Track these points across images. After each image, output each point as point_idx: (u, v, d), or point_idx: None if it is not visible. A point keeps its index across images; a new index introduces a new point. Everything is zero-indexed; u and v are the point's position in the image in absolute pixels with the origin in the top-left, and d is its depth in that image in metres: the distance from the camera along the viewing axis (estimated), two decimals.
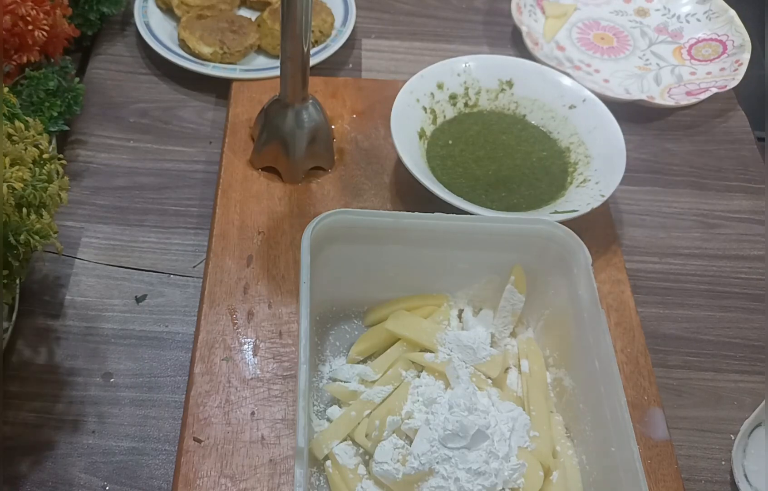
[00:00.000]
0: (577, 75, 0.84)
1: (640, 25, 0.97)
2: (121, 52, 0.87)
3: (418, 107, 0.75)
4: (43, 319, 0.63)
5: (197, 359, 0.59)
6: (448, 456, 0.51)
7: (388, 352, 0.58)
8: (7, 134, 0.55)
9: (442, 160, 0.74)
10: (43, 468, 0.55)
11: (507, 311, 0.61)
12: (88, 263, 0.67)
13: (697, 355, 0.66)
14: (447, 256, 0.60)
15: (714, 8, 0.95)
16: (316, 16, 0.88)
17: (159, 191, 0.74)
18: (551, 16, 0.96)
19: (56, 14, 0.73)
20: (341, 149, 0.76)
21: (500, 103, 0.79)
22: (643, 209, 0.77)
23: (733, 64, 0.88)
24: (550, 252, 0.59)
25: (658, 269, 0.72)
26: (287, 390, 0.58)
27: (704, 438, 0.61)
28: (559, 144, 0.76)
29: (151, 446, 0.57)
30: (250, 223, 0.69)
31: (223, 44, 0.84)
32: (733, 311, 0.70)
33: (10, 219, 0.51)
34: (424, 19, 0.97)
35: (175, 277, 0.67)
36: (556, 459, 0.54)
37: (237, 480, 0.53)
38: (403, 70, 0.86)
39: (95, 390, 0.59)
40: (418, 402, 0.55)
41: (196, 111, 0.82)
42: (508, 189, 0.72)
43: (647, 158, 0.82)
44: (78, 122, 0.78)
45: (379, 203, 0.72)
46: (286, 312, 0.63)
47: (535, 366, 0.59)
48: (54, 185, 0.55)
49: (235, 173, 0.73)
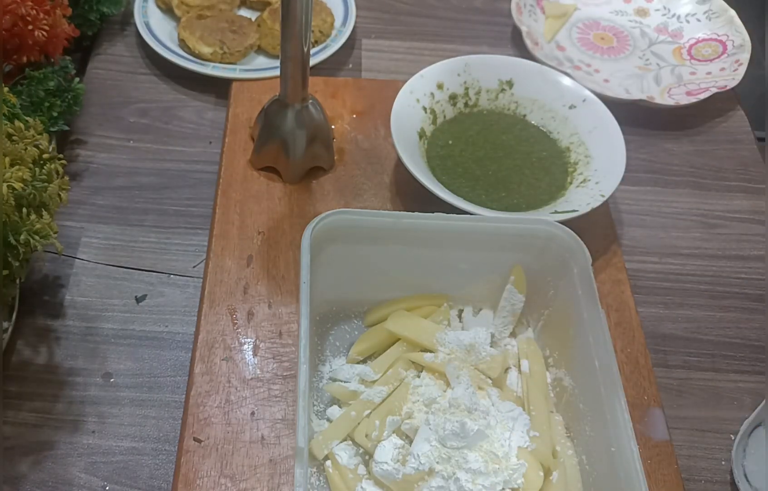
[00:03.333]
0: (577, 75, 0.84)
1: (640, 25, 0.97)
2: (121, 52, 0.87)
3: (418, 107, 0.75)
4: (43, 319, 0.63)
5: (197, 359, 0.59)
6: (448, 456, 0.51)
7: (388, 352, 0.58)
8: (7, 134, 0.55)
9: (442, 160, 0.74)
10: (43, 468, 0.55)
11: (507, 311, 0.61)
12: (88, 263, 0.67)
13: (697, 355, 0.66)
14: (447, 256, 0.60)
15: (714, 8, 0.95)
16: (316, 16, 0.88)
17: (159, 191, 0.74)
18: (551, 16, 0.96)
19: (56, 14, 0.73)
20: (341, 149, 0.76)
21: (500, 103, 0.79)
22: (643, 209, 0.77)
23: (733, 64, 0.88)
24: (550, 252, 0.59)
25: (658, 269, 0.72)
26: (287, 390, 0.58)
27: (704, 438, 0.61)
28: (559, 144, 0.76)
29: (151, 446, 0.57)
30: (250, 223, 0.69)
31: (223, 44, 0.84)
32: (733, 311, 0.70)
33: (10, 219, 0.51)
34: (424, 19, 0.97)
35: (175, 277, 0.67)
36: (556, 459, 0.54)
37: (237, 480, 0.53)
38: (403, 70, 0.86)
39: (95, 390, 0.59)
40: (418, 402, 0.55)
41: (196, 111, 0.82)
42: (508, 189, 0.72)
43: (647, 158, 0.82)
44: (78, 122, 0.78)
45: (379, 203, 0.72)
46: (286, 312, 0.63)
47: (535, 366, 0.59)
48: (54, 185, 0.56)
49: (235, 173, 0.73)
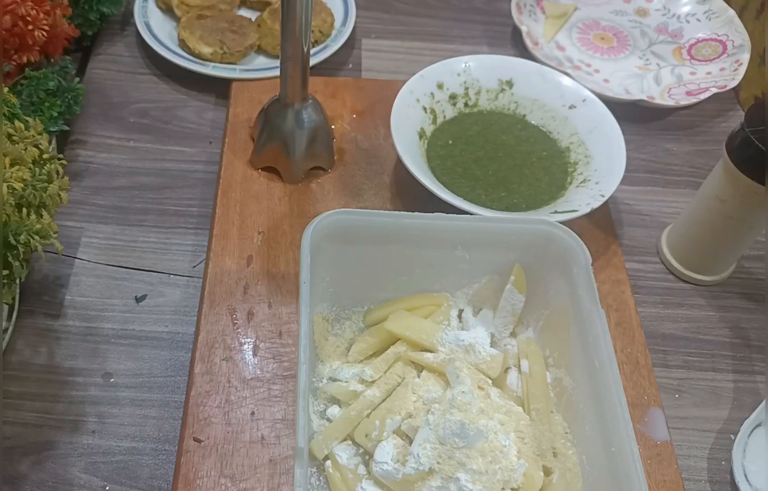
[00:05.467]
0: (577, 75, 0.84)
1: (640, 25, 0.97)
2: (121, 52, 0.88)
3: (418, 107, 0.75)
4: (43, 319, 0.63)
5: (197, 359, 0.59)
6: (448, 456, 0.51)
7: (388, 352, 0.58)
8: (7, 134, 0.55)
9: (442, 160, 0.74)
10: (43, 468, 0.55)
11: (507, 311, 0.61)
12: (88, 263, 0.67)
13: (697, 355, 0.66)
14: (447, 256, 0.60)
15: (714, 8, 0.95)
16: (316, 16, 0.88)
17: (159, 191, 0.74)
18: (551, 16, 0.96)
19: (56, 14, 0.73)
20: (341, 149, 0.76)
21: (500, 103, 0.79)
22: (643, 209, 0.77)
23: (733, 64, 0.88)
24: (550, 252, 0.59)
25: (658, 269, 0.72)
26: (287, 390, 0.58)
27: (704, 438, 0.61)
28: (559, 144, 0.76)
29: (150, 446, 0.57)
30: (250, 223, 0.69)
31: (223, 44, 0.84)
32: (733, 311, 0.70)
33: (10, 219, 0.51)
34: (424, 19, 0.97)
35: (175, 277, 0.67)
36: (556, 459, 0.54)
37: (237, 480, 0.53)
38: (403, 70, 0.86)
39: (95, 390, 0.59)
40: (418, 402, 0.55)
41: (196, 111, 0.82)
42: (508, 189, 0.72)
43: (647, 158, 0.82)
44: (78, 122, 0.78)
45: (379, 203, 0.72)
46: (286, 312, 0.63)
47: (535, 366, 0.59)
48: (54, 185, 0.56)
49: (235, 173, 0.73)
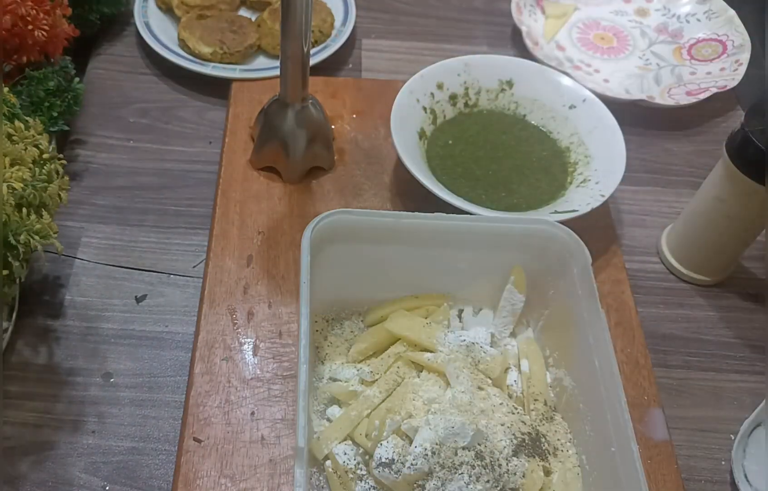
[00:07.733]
0: (577, 75, 0.84)
1: (640, 25, 0.97)
2: (121, 52, 0.87)
3: (418, 107, 0.75)
4: (43, 319, 0.63)
5: (197, 359, 0.59)
6: (448, 456, 0.51)
7: (388, 352, 0.58)
8: (7, 134, 0.55)
9: (442, 160, 0.74)
10: (43, 468, 0.55)
11: (507, 311, 0.61)
12: (88, 263, 0.67)
13: (697, 355, 0.66)
14: (447, 256, 0.60)
15: (714, 8, 0.95)
16: (316, 16, 0.88)
17: (159, 191, 0.74)
18: (551, 16, 0.96)
19: (56, 14, 0.73)
20: (341, 149, 0.76)
21: (500, 103, 0.79)
22: (643, 209, 0.77)
23: (733, 64, 0.88)
24: (550, 252, 0.59)
25: (658, 269, 0.72)
26: (287, 390, 0.58)
27: (704, 438, 0.61)
28: (559, 144, 0.76)
29: (150, 446, 0.57)
30: (250, 223, 0.69)
31: (223, 44, 0.84)
32: (733, 311, 0.70)
33: (10, 219, 0.51)
34: (424, 19, 0.97)
35: (175, 277, 0.67)
36: (556, 459, 0.54)
37: (237, 480, 0.53)
38: (403, 70, 0.86)
39: (95, 390, 0.59)
40: (418, 402, 0.55)
41: (196, 111, 0.82)
42: (508, 189, 0.72)
43: (647, 158, 0.82)
44: (78, 122, 0.78)
45: (379, 203, 0.72)
46: (286, 312, 0.63)
47: (535, 366, 0.59)
48: (54, 185, 0.56)
49: (235, 173, 0.73)
